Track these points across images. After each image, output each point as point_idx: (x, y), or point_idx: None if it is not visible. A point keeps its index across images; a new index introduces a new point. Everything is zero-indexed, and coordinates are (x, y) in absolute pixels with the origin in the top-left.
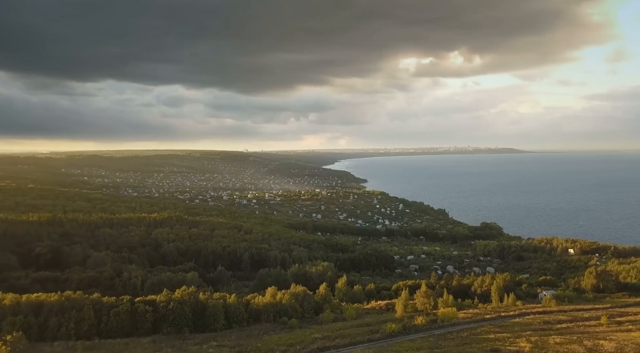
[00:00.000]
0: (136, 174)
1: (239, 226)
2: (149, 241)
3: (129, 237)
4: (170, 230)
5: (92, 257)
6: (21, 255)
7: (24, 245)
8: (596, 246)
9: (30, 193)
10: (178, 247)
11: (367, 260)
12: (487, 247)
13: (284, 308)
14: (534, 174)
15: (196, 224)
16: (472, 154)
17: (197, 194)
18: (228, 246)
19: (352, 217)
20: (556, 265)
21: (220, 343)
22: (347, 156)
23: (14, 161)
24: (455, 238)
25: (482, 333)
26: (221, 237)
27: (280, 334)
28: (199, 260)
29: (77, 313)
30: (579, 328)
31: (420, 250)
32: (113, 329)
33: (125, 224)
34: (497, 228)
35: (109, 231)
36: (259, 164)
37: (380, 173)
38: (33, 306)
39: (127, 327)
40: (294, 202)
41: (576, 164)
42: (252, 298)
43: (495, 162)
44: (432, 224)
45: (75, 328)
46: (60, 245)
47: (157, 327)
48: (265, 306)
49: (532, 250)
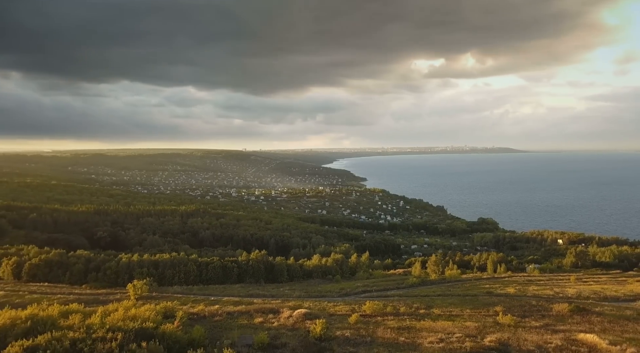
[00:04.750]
0: (141, 173)
1: (259, 218)
2: (186, 228)
3: (170, 225)
4: (202, 220)
5: (148, 240)
6: (86, 238)
7: (87, 230)
8: (582, 236)
9: (56, 188)
10: (213, 234)
11: (377, 247)
12: (484, 238)
13: (328, 269)
14: (531, 173)
15: (222, 215)
16: (469, 154)
17: (207, 191)
18: (255, 233)
19: (356, 213)
20: (544, 252)
21: (290, 287)
22: (346, 155)
23: (21, 159)
24: (454, 231)
25: (480, 284)
26: (247, 226)
27: (331, 284)
28: (232, 245)
29: (184, 267)
30: (552, 282)
31: (423, 241)
32: (211, 278)
33: (162, 214)
34: (493, 223)
35: (151, 220)
36: (260, 163)
37: (379, 171)
38: (152, 263)
39: (220, 277)
40: (300, 199)
41: (575, 164)
42: (304, 262)
43: (492, 161)
44: (431, 219)
45: (185, 277)
46: (116, 230)
47: (241, 278)
48: (315, 267)
49: (524, 241)
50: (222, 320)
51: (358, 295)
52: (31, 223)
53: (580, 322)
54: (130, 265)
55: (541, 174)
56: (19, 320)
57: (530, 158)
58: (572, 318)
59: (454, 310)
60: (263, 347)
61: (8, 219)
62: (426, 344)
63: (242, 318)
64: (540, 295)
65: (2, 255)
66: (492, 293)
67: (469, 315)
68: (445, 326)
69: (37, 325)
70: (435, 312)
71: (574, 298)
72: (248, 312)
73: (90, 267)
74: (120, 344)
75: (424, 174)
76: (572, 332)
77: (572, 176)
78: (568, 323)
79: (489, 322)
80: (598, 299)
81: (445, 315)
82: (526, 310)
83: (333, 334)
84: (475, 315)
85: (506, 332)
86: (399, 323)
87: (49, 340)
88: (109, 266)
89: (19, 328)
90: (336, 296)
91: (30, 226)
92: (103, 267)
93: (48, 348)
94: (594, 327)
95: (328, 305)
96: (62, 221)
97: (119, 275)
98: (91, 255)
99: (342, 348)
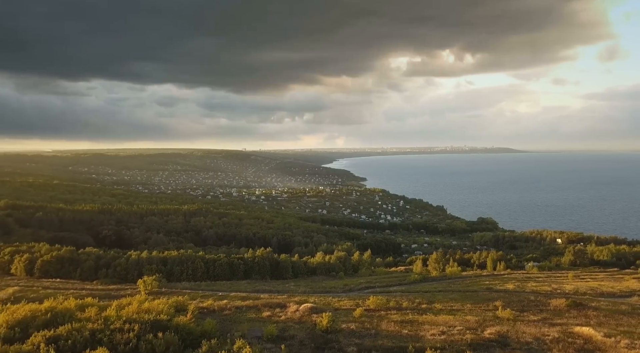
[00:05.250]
0: (142, 172)
1: (261, 218)
2: (190, 227)
3: (173, 224)
4: (205, 219)
5: (153, 238)
6: (91, 236)
7: (92, 229)
8: (581, 236)
9: (58, 188)
10: (216, 232)
11: (377, 245)
12: (484, 238)
13: (331, 266)
14: (531, 173)
15: (224, 215)
16: (469, 154)
17: (208, 191)
18: (257, 232)
19: (356, 213)
20: (543, 250)
21: (295, 283)
22: (345, 155)
23: (22, 159)
24: (454, 231)
25: (480, 281)
26: (250, 225)
27: (334, 280)
28: (235, 243)
29: (192, 264)
30: (550, 279)
31: (423, 241)
32: (218, 275)
33: (165, 213)
34: (492, 222)
35: (155, 218)
36: (260, 162)
37: (378, 171)
38: (161, 260)
39: (227, 274)
40: (300, 199)
41: (574, 164)
42: (308, 259)
43: (492, 161)
44: (431, 219)
45: (192, 274)
46: (120, 229)
47: (248, 275)
48: (318, 264)
49: (524, 240)
50: (231, 314)
51: (361, 290)
52: (37, 222)
53: (576, 316)
54: (140, 261)
55: (540, 174)
56: (39, 312)
57: (529, 158)
58: (569, 313)
59: (454, 305)
60: (272, 339)
61: (14, 218)
62: (428, 336)
63: (250, 312)
64: (538, 291)
65: (14, 252)
66: (492, 289)
67: (469, 309)
68: (447, 319)
69: (56, 317)
70: (436, 306)
71: (571, 294)
72: (256, 307)
73: (100, 264)
74: (137, 335)
75: (423, 174)
76: (568, 325)
77: (571, 176)
78: (565, 317)
79: (488, 316)
80: (594, 295)
81: (447, 310)
82: (525, 305)
83: (339, 327)
84: (475, 310)
85: (505, 325)
86: (402, 317)
87: (69, 331)
88: (119, 262)
89: (40, 320)
90: (340, 292)
91: (36, 225)
92: (113, 264)
93: (69, 338)
94: (590, 321)
95: (333, 300)
96: (67, 220)
97: (129, 271)
98: (100, 252)
99: (348, 340)
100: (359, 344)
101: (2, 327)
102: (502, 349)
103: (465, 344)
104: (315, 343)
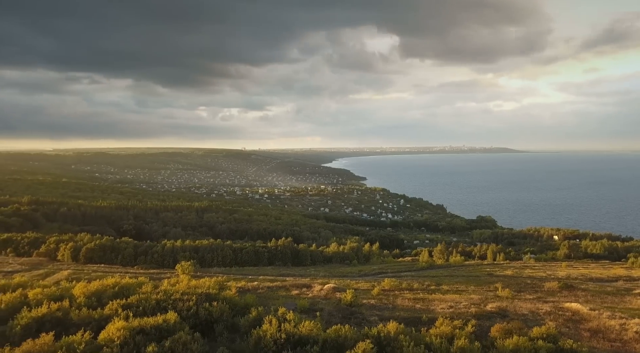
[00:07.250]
0: (144, 171)
1: (268, 214)
2: (203, 222)
3: (187, 220)
4: (217, 215)
5: (172, 232)
6: (113, 230)
7: (112, 223)
8: (577, 233)
9: (68, 186)
10: (229, 227)
11: (381, 241)
12: (483, 235)
13: (345, 255)
14: (529, 173)
15: (234, 211)
16: (468, 154)
17: (212, 190)
18: (267, 227)
19: (358, 211)
20: (540, 246)
21: (315, 269)
22: (345, 154)
23: (24, 158)
24: (454, 229)
25: (481, 268)
26: (259, 221)
27: (349, 267)
28: (248, 238)
29: (221, 252)
30: (546, 268)
31: (424, 237)
32: (245, 261)
33: (178, 210)
34: (491, 220)
35: (170, 214)
36: (261, 162)
37: (378, 171)
38: (193, 248)
39: (253, 260)
40: (303, 197)
41: (574, 164)
42: (324, 248)
43: (492, 161)
44: (432, 217)
45: (222, 261)
46: (139, 223)
47: (271, 261)
48: (334, 254)
49: (522, 237)
50: (264, 292)
51: (375, 275)
52: (62, 217)
53: (567, 296)
54: (174, 249)
55: (539, 174)
56: (107, 287)
57: (529, 158)
58: (560, 293)
59: (460, 287)
60: (305, 310)
61: (41, 213)
62: (438, 309)
63: (281, 291)
64: (534, 276)
65: (58, 240)
66: (493, 274)
67: (473, 290)
68: (454, 297)
69: (122, 290)
70: (444, 287)
71: (563, 279)
72: (284, 286)
73: (138, 251)
74: (195, 303)
75: (423, 174)
76: (559, 302)
77: (570, 176)
78: (557, 296)
79: (490, 295)
80: (584, 279)
81: (453, 290)
82: (522, 286)
83: (360, 302)
84: (478, 290)
85: (504, 302)
86: (414, 296)
87: (138, 300)
88: (156, 250)
89: (110, 292)
90: (356, 276)
91: (61, 220)
92: (150, 252)
93: (140, 305)
94: (579, 299)
95: (351, 282)
96: (89, 215)
97: (165, 258)
98: (137, 242)
99: (369, 312)
100: (379, 315)
101: (81, 297)
102: (502, 319)
103: (471, 315)
104: (342, 314)
